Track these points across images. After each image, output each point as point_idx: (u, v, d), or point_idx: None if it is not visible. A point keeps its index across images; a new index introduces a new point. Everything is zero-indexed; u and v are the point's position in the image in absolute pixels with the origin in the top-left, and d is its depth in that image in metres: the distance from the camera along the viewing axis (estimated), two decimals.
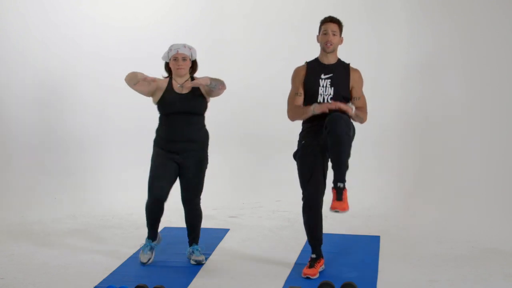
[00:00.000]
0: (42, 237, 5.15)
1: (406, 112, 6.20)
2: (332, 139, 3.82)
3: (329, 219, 5.19)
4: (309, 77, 4.11)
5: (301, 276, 4.11)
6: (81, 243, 5.00)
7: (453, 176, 5.96)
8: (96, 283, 4.03)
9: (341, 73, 4.09)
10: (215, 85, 4.27)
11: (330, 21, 4.06)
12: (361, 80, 4.15)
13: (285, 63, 6.14)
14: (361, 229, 5.30)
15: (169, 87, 4.37)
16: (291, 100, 4.18)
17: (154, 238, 4.51)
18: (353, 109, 4.00)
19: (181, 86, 4.34)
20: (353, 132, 3.95)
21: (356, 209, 5.56)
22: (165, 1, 6.53)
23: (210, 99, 4.44)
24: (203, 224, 4.58)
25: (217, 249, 4.78)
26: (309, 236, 4.22)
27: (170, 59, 4.37)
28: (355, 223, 5.44)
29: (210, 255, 4.62)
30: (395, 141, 6.20)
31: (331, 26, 4.04)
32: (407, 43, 6.17)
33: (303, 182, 4.12)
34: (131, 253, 4.65)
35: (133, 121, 6.43)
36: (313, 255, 4.20)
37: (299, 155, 4.15)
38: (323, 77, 4.06)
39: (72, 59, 6.47)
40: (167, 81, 4.41)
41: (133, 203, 5.57)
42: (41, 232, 5.32)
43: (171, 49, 4.36)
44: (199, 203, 4.47)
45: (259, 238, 5.13)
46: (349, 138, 3.87)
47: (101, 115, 6.55)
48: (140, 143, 5.86)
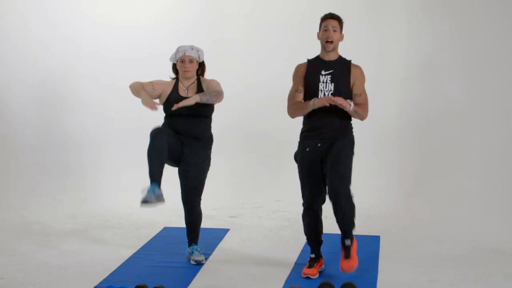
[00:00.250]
0: (42, 237, 5.15)
1: (406, 112, 6.20)
2: (337, 215, 4.01)
3: (329, 219, 5.17)
4: (309, 73, 4.09)
5: (301, 276, 4.12)
6: (81, 243, 4.99)
7: (453, 176, 5.96)
8: (96, 283, 4.03)
9: (342, 69, 4.06)
10: (207, 99, 4.22)
11: (330, 17, 4.03)
12: (362, 76, 4.11)
13: (285, 63, 6.13)
14: (361, 229, 5.26)
15: (175, 89, 4.37)
16: (291, 96, 4.16)
17: (158, 181, 4.17)
18: (351, 105, 3.96)
19: (186, 89, 4.34)
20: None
21: (356, 209, 5.57)
22: (165, 1, 6.53)
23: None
24: (203, 224, 4.58)
25: (217, 249, 4.78)
26: (308, 237, 4.25)
27: (177, 61, 4.36)
28: (355, 223, 5.42)
29: (210, 255, 4.62)
30: (395, 141, 6.20)
31: (331, 22, 4.01)
32: (407, 43, 6.17)
33: (303, 186, 4.14)
34: (131, 253, 4.65)
35: (133, 121, 6.43)
36: (312, 255, 4.21)
37: (299, 158, 4.14)
38: (323, 73, 4.04)
39: (72, 59, 6.47)
40: (173, 83, 4.41)
41: (133, 203, 5.55)
42: (41, 232, 5.31)
43: (178, 50, 4.35)
44: (199, 203, 4.46)
45: (259, 238, 5.13)
46: (353, 206, 4.02)
47: (101, 115, 6.55)
48: (140, 143, 5.83)
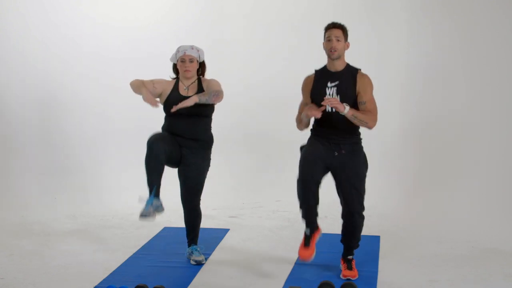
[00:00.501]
0: (42, 237, 5.15)
1: (406, 112, 6.19)
2: (348, 229, 4.14)
3: (329, 219, 5.20)
4: (315, 86, 4.05)
5: (299, 258, 4.06)
6: (81, 243, 5.00)
7: (453, 176, 5.96)
8: (96, 283, 4.03)
9: (348, 80, 4.00)
10: (206, 99, 4.20)
11: (333, 27, 3.98)
12: (369, 85, 4.01)
13: (285, 63, 6.20)
14: None
15: (175, 89, 4.37)
16: (300, 110, 4.15)
17: (157, 193, 4.21)
18: (346, 109, 3.86)
19: (186, 88, 4.34)
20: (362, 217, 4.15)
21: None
22: (165, 1, 6.53)
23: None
24: (203, 224, 4.58)
25: (217, 249, 4.78)
26: (302, 208, 3.99)
27: (177, 61, 4.36)
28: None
29: (210, 255, 4.62)
30: (395, 141, 6.19)
31: (334, 32, 3.96)
32: (407, 43, 6.16)
33: (301, 163, 3.96)
34: (131, 253, 4.65)
35: (133, 121, 6.43)
36: (307, 230, 4.01)
37: (306, 145, 4.10)
38: (329, 85, 3.99)
39: (72, 59, 6.47)
40: (174, 82, 4.41)
41: (133, 203, 5.54)
42: (41, 232, 5.32)
43: (178, 50, 4.35)
44: (198, 203, 4.46)
45: (259, 238, 5.13)
46: (361, 228, 4.16)
47: (101, 115, 6.54)
48: (140, 143, 5.83)
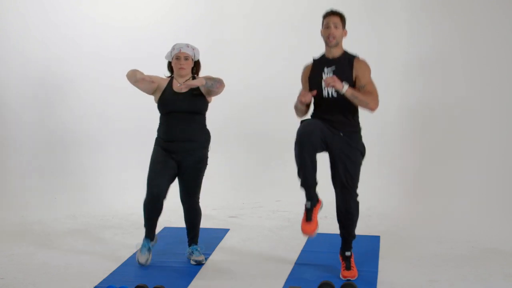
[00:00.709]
0: (42, 237, 5.15)
1: (406, 112, 6.20)
2: (343, 215, 4.10)
3: (329, 219, 5.19)
4: (313, 73, 4.08)
5: (301, 232, 3.97)
6: (81, 243, 5.00)
7: (453, 176, 5.96)
8: (96, 283, 4.03)
9: (344, 65, 4.01)
10: (211, 84, 4.23)
11: (331, 14, 4.00)
12: (366, 68, 4.01)
13: (285, 63, 6.20)
14: (361, 229, 5.27)
15: (169, 86, 4.37)
16: (297, 98, 4.14)
17: (152, 238, 4.48)
18: (345, 88, 3.83)
19: (180, 85, 4.34)
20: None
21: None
22: (165, 1, 6.53)
23: (211, 98, 4.42)
24: (203, 224, 4.58)
25: (217, 249, 4.78)
26: (300, 173, 3.91)
27: (172, 58, 4.37)
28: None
29: (210, 255, 4.62)
30: (395, 141, 6.20)
31: (332, 18, 3.98)
32: (407, 43, 6.17)
33: (300, 127, 3.92)
34: (131, 253, 4.65)
35: (133, 121, 6.43)
36: (307, 203, 3.97)
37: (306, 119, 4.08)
38: (326, 70, 4.01)
39: (72, 59, 6.47)
40: (168, 81, 4.41)
41: (133, 203, 5.56)
42: (41, 232, 5.32)
43: (174, 48, 4.36)
44: (198, 202, 4.46)
45: (259, 238, 5.13)
46: (356, 216, 4.14)
47: (101, 115, 6.55)
48: (140, 143, 5.87)
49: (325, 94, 3.99)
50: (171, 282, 4.01)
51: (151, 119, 4.75)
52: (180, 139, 4.31)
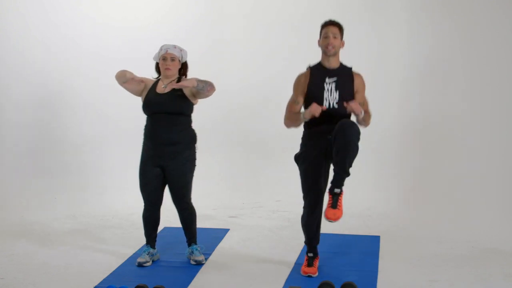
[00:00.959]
0: (42, 237, 5.15)
1: (406, 112, 6.20)
2: (341, 142, 3.79)
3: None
4: (312, 82, 4.05)
5: (302, 275, 4.11)
6: (81, 243, 5.00)
7: (453, 176, 5.96)
8: (96, 283, 4.03)
9: (345, 77, 4.03)
10: (202, 87, 4.20)
11: (330, 24, 4.01)
12: (363, 84, 4.09)
13: (285, 63, 6.20)
14: (361, 229, 5.30)
15: (153, 87, 4.35)
16: (288, 107, 4.13)
17: (153, 245, 4.50)
18: (363, 113, 3.92)
19: (165, 86, 4.31)
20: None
21: (356, 209, 5.58)
22: (165, 1, 6.53)
23: (198, 100, 4.39)
24: (203, 224, 4.58)
25: (217, 249, 4.78)
26: (307, 236, 4.22)
27: (159, 59, 4.36)
28: (355, 223, 5.44)
29: (210, 255, 4.62)
30: (395, 141, 6.20)
31: (331, 29, 3.98)
32: (407, 43, 6.17)
33: (305, 190, 4.11)
34: (131, 253, 4.65)
35: (133, 121, 6.38)
36: (310, 254, 4.21)
37: (301, 162, 4.10)
38: (327, 81, 4.00)
39: (72, 59, 6.47)
40: (154, 82, 4.40)
41: (133, 203, 5.56)
42: (41, 232, 5.32)
43: (161, 48, 4.36)
44: (189, 202, 4.44)
45: (259, 238, 5.13)
46: (357, 147, 3.83)
47: (101, 115, 6.55)
48: (140, 143, 5.84)
49: (326, 104, 3.99)
50: (171, 282, 4.01)
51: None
52: (162, 142, 4.29)
